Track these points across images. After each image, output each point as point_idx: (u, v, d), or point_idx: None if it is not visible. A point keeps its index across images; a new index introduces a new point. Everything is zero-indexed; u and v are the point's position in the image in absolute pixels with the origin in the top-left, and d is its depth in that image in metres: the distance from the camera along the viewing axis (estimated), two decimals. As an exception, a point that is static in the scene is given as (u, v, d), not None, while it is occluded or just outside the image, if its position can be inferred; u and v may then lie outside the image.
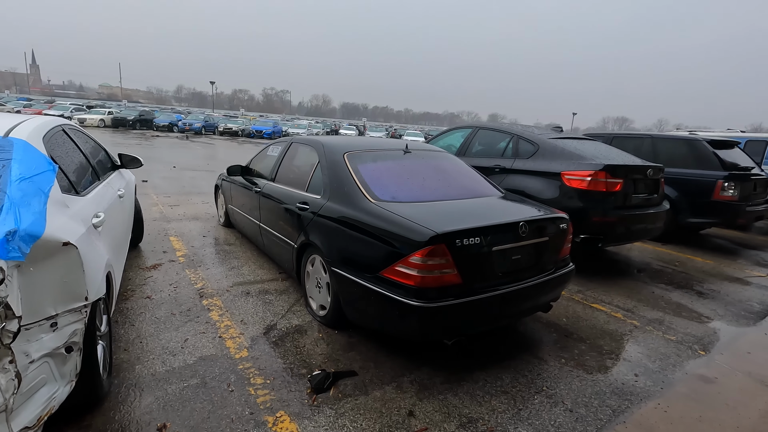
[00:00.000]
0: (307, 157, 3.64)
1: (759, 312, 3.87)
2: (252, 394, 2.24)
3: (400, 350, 2.76)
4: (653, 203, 4.77)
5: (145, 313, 3.05)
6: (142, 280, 3.64)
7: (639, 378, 2.65)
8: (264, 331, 2.93)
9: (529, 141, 4.95)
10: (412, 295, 2.29)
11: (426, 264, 2.27)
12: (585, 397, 2.41)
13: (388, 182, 3.03)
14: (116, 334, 2.73)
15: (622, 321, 3.47)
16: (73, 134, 2.89)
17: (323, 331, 2.98)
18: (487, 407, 2.26)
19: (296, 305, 3.36)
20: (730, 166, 5.81)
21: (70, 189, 2.23)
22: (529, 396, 2.39)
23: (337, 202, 2.93)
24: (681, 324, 3.49)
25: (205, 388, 2.27)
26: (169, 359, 2.51)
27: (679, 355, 2.98)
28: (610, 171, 4.26)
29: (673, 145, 6.38)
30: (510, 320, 3.08)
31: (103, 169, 3.29)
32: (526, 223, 2.62)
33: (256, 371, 2.45)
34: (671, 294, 4.18)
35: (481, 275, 2.45)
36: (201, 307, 3.21)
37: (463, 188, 3.28)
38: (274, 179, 4.01)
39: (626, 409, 2.33)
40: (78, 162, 2.66)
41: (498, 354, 2.82)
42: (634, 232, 4.60)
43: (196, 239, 4.98)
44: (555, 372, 2.65)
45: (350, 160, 3.17)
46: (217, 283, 3.72)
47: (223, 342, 2.74)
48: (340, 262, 2.75)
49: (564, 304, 3.70)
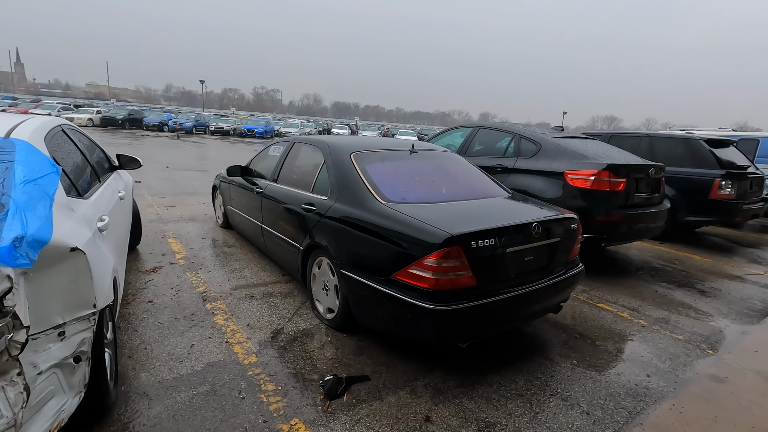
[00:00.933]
0: (312, 157, 3.58)
1: (761, 310, 3.90)
2: (264, 401, 2.18)
3: (411, 353, 2.72)
4: (654, 202, 4.78)
5: (147, 318, 2.97)
6: (142, 284, 3.55)
7: (651, 378, 2.64)
8: (271, 335, 2.87)
9: (531, 140, 4.94)
10: (427, 298, 2.25)
11: (441, 266, 2.23)
12: (600, 398, 2.39)
13: (396, 183, 2.98)
14: (120, 340, 2.65)
15: (629, 321, 3.47)
16: (72, 134, 2.80)
17: (331, 334, 2.93)
18: (504, 411, 2.23)
19: (302, 308, 3.30)
20: (727, 165, 5.87)
21: (74, 191, 2.15)
22: (545, 399, 2.36)
23: (346, 204, 2.87)
24: (687, 323, 3.50)
25: (216, 395, 2.20)
26: (177, 366, 2.43)
27: (689, 354, 2.98)
28: (613, 170, 4.26)
29: (671, 144, 6.41)
30: (523, 322, 3.06)
31: (102, 170, 3.19)
32: (539, 224, 2.60)
33: (267, 377, 2.39)
34: (674, 293, 4.20)
35: (496, 277, 2.42)
36: (205, 311, 3.14)
37: (472, 188, 3.25)
38: (276, 180, 3.94)
39: (642, 411, 2.31)
40: (79, 163, 2.57)
41: (509, 356, 2.79)
42: (636, 231, 4.61)
43: (195, 241, 4.88)
44: (567, 374, 2.63)
45: (357, 160, 3.11)
46: (219, 286, 3.64)
47: (231, 347, 2.68)
48: (349, 265, 2.70)
49: (570, 304, 3.69)
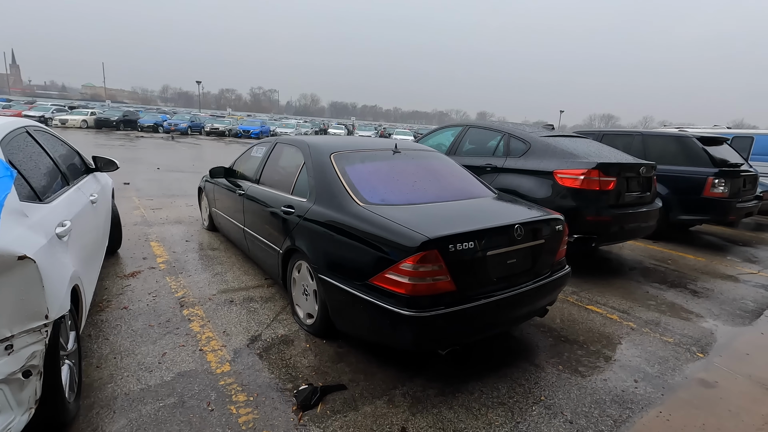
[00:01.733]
0: (292, 158, 3.49)
1: (754, 311, 3.83)
2: (233, 413, 2.09)
3: (392, 360, 2.63)
4: (646, 201, 4.71)
5: (120, 326, 2.88)
6: (119, 290, 3.45)
7: (639, 384, 2.56)
8: (248, 342, 2.77)
9: (520, 139, 4.86)
10: (404, 304, 2.16)
11: (418, 271, 2.14)
12: (584, 406, 2.31)
13: (376, 184, 2.89)
14: (88, 349, 2.56)
15: (618, 323, 3.39)
16: (39, 136, 2.70)
17: (311, 340, 2.84)
18: (484, 421, 2.15)
19: (282, 313, 3.22)
20: (720, 163, 5.80)
21: (32, 196, 2.06)
22: (527, 407, 2.28)
23: (324, 206, 2.79)
24: (678, 325, 3.42)
25: (183, 407, 2.11)
26: (145, 376, 2.34)
27: (678, 358, 2.90)
28: (603, 169, 4.19)
29: (664, 142, 6.34)
30: (506, 327, 2.97)
31: (74, 173, 3.10)
32: (521, 226, 2.51)
33: (239, 387, 2.30)
34: (666, 293, 4.12)
35: (476, 281, 2.33)
36: (181, 318, 3.05)
37: (456, 189, 3.16)
38: (258, 181, 3.86)
39: (627, 419, 2.23)
40: (43, 166, 2.47)
41: (493, 361, 2.71)
42: (627, 231, 4.53)
43: (179, 244, 4.79)
44: (553, 380, 2.55)
45: (337, 161, 3.03)
46: (199, 290, 3.54)
47: (204, 355, 2.59)
48: (327, 269, 2.61)
49: (559, 306, 3.61)
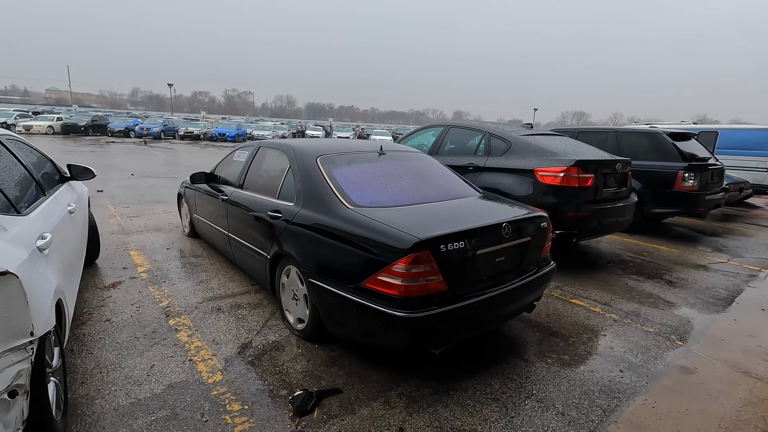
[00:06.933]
0: (277, 161, 3.46)
1: (726, 298, 4.01)
2: (229, 422, 2.06)
3: (385, 362, 2.64)
4: (622, 196, 4.87)
5: (104, 339, 2.79)
6: (99, 302, 3.35)
7: (624, 374, 2.65)
8: (238, 350, 2.74)
9: (501, 138, 4.95)
10: (397, 306, 2.18)
11: (410, 272, 2.16)
12: (575, 398, 2.38)
13: (364, 186, 2.90)
14: (72, 365, 2.47)
15: (601, 315, 3.50)
16: (12, 145, 2.59)
17: (302, 345, 2.82)
18: (479, 417, 2.18)
19: (272, 319, 3.18)
20: (690, 157, 6.05)
21: (9, 208, 1.98)
22: (520, 401, 2.33)
23: (312, 209, 2.77)
24: (657, 315, 3.55)
25: (176, 419, 2.07)
26: (134, 390, 2.28)
27: (659, 347, 3.01)
28: (581, 166, 4.31)
29: (636, 139, 6.58)
30: (497, 324, 3.02)
31: (49, 182, 2.99)
32: (508, 224, 2.57)
33: (233, 396, 2.26)
34: (644, 285, 4.28)
35: (467, 280, 2.37)
36: (168, 328, 2.98)
37: (442, 190, 3.20)
38: (242, 186, 3.80)
39: (616, 408, 2.31)
40: (18, 177, 2.38)
41: (485, 358, 2.76)
42: (606, 226, 4.68)
43: (160, 252, 4.67)
44: (543, 374, 2.61)
45: (323, 164, 3.02)
46: (184, 299, 3.47)
47: (194, 365, 2.54)
48: (317, 273, 2.60)
49: (544, 301, 3.70)
